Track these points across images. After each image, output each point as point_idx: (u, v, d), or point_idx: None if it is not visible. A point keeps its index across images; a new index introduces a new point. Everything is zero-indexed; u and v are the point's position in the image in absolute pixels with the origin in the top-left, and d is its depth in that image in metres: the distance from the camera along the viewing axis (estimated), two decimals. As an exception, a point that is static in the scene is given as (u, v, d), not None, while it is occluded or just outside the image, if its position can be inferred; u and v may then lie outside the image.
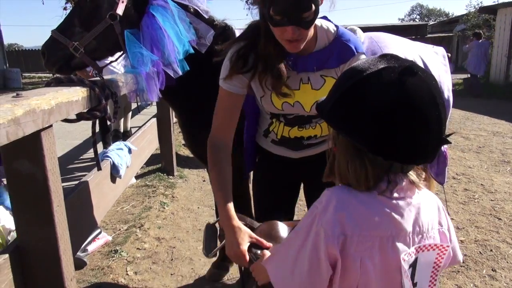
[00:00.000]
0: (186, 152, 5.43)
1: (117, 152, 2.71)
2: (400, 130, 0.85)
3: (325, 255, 0.87)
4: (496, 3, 14.14)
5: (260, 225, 1.34)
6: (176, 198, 3.96)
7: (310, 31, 1.26)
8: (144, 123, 4.43)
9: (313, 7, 1.18)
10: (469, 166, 4.84)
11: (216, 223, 1.40)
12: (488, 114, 8.29)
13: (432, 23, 32.02)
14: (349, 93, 0.88)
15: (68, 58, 1.76)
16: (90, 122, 1.82)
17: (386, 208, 0.89)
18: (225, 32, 2.02)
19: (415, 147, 0.86)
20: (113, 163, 2.58)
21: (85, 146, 5.91)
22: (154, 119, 4.49)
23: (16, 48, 33.79)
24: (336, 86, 0.92)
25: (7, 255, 1.37)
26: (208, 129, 2.04)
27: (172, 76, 1.81)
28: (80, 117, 1.71)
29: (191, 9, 1.87)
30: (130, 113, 5.05)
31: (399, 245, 0.88)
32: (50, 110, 1.34)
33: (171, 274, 2.63)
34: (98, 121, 1.96)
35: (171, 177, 4.55)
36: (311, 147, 1.59)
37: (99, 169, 2.13)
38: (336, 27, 1.40)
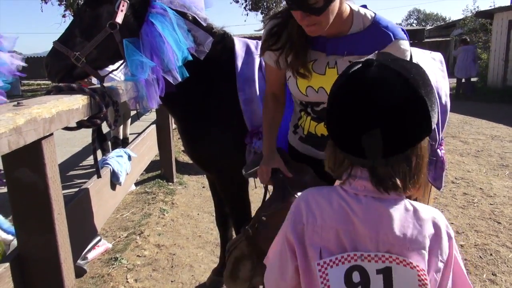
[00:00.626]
0: (185, 158, 5.43)
1: (117, 159, 2.71)
2: (337, 118, 0.89)
3: (286, 244, 0.94)
4: (493, 7, 14.24)
5: (293, 162, 1.53)
6: (176, 204, 3.96)
7: (329, 17, 1.24)
8: (144, 130, 4.44)
9: None
10: (468, 170, 4.85)
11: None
12: (486, 118, 8.31)
13: (430, 27, 32.18)
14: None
15: (70, 68, 1.78)
16: (89, 130, 1.83)
17: (342, 201, 0.90)
18: (223, 39, 2.04)
19: (356, 138, 0.86)
20: (113, 170, 2.58)
21: (84, 153, 5.92)
22: (154, 126, 4.50)
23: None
24: None
25: (7, 264, 1.37)
26: (207, 136, 2.06)
27: (172, 82, 1.82)
28: (80, 124, 1.72)
29: (190, 17, 1.88)
30: (129, 120, 5.06)
31: (358, 243, 0.89)
32: (51, 118, 1.35)
33: (171, 281, 2.62)
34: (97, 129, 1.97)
35: (170, 183, 4.55)
36: None
37: (99, 176, 2.13)
38: (374, 14, 1.38)
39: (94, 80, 3.37)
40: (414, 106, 0.84)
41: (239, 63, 1.99)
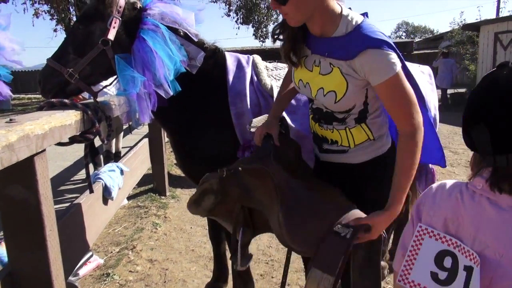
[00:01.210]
0: (178, 171, 5.41)
1: (109, 173, 2.70)
2: (474, 117, 0.95)
3: (410, 217, 1.09)
4: (479, 20, 14.55)
5: (291, 139, 1.67)
6: (168, 218, 3.94)
7: (294, 9, 1.30)
8: (136, 143, 4.43)
9: None
10: (459, 175, 4.89)
11: None
12: (475, 128, 8.41)
13: (418, 40, 32.71)
14: None
15: (63, 84, 1.79)
16: (81, 144, 1.82)
17: (459, 194, 0.96)
18: (215, 54, 2.06)
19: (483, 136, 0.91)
20: (105, 185, 2.57)
21: (76, 167, 5.87)
22: (146, 139, 4.49)
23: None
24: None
25: (-1, 282, 1.35)
26: (199, 149, 2.07)
27: (164, 96, 1.83)
28: (73, 140, 1.72)
29: (181, 32, 1.91)
30: (121, 134, 5.05)
31: (460, 235, 0.94)
32: (43, 134, 1.35)
33: (164, 297, 2.59)
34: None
35: (163, 197, 4.52)
36: (329, 153, 1.57)
37: (91, 191, 2.12)
38: (362, 20, 1.36)
39: (86, 94, 3.37)
40: None
41: (230, 77, 2.02)
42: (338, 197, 1.39)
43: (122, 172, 2.91)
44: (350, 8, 1.40)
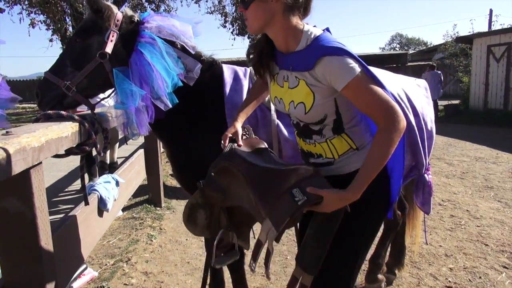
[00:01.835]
0: (173, 182, 5.39)
1: (105, 185, 2.68)
2: None
3: None
4: (471, 33, 14.75)
5: (256, 139, 1.73)
6: (164, 230, 3.90)
7: (253, 15, 1.39)
8: (131, 154, 4.41)
9: None
10: (454, 192, 4.92)
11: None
12: (469, 140, 8.49)
13: (412, 52, 33.08)
14: None
15: (60, 97, 1.79)
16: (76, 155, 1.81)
17: None
18: (212, 66, 2.07)
19: None
20: (101, 196, 2.55)
21: (70, 178, 5.83)
22: (142, 150, 4.48)
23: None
24: None
25: (-9, 297, 1.33)
26: (196, 161, 2.06)
27: (163, 109, 1.83)
28: (69, 152, 1.71)
29: (178, 45, 1.92)
30: (117, 145, 5.02)
31: None
32: (40, 147, 1.34)
33: (159, 310, 2.56)
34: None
35: (158, 208, 4.49)
36: (317, 167, 1.54)
37: (86, 203, 2.10)
38: (321, 33, 1.42)
39: (84, 107, 3.36)
40: None
41: (227, 89, 2.02)
42: (302, 165, 1.45)
43: (117, 183, 2.89)
44: (315, 26, 1.46)
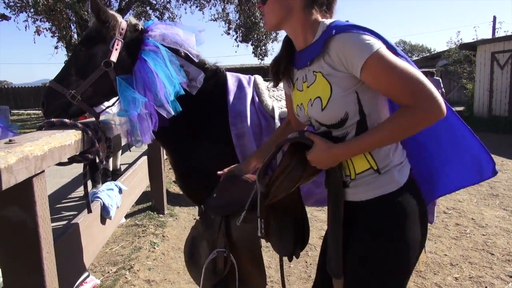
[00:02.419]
0: (176, 189, 5.38)
1: (108, 192, 2.68)
2: None
3: None
4: (475, 40, 14.74)
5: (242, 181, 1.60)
6: (166, 237, 3.89)
7: (271, 10, 1.30)
8: (135, 160, 4.41)
9: None
10: (459, 200, 4.88)
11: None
12: (474, 147, 8.42)
13: (416, 58, 33.06)
14: None
15: (65, 106, 1.80)
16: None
17: None
18: (216, 74, 2.07)
19: None
20: (104, 204, 2.54)
21: (73, 184, 5.83)
22: (145, 157, 4.47)
23: (5, 86, 33.85)
24: None
25: (-8, 307, 1.32)
26: (198, 170, 2.05)
27: (166, 116, 1.83)
28: (72, 160, 1.70)
29: (182, 53, 1.92)
30: (119, 152, 5.03)
31: None
32: (42, 156, 1.33)
33: (161, 319, 2.54)
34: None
35: (161, 215, 4.48)
36: None
37: (89, 211, 2.10)
38: (336, 20, 1.28)
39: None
40: None
41: (231, 97, 2.02)
42: None
43: (120, 191, 2.88)
44: None
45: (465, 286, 2.84)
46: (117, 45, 1.80)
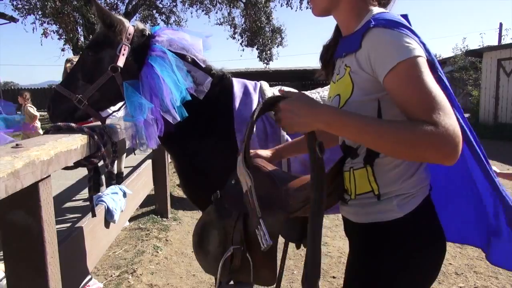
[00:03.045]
0: (180, 193, 5.38)
1: (112, 196, 2.68)
2: None
3: None
4: (481, 47, 14.70)
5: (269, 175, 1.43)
6: (170, 241, 3.88)
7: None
8: (139, 164, 4.41)
9: None
10: (464, 208, 4.84)
11: None
12: (479, 154, 8.37)
13: (421, 64, 32.91)
14: None
15: (72, 110, 1.81)
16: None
17: None
18: (222, 80, 2.07)
19: None
20: (108, 208, 2.54)
21: (78, 186, 5.85)
22: (149, 161, 4.48)
23: (12, 87, 34.15)
24: None
25: (-4, 311, 1.32)
26: (204, 176, 2.05)
27: (172, 122, 1.83)
28: (77, 164, 1.71)
29: (189, 59, 1.92)
30: (124, 155, 5.04)
31: None
32: (49, 160, 1.34)
33: (164, 324, 2.53)
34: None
35: (165, 219, 4.48)
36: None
37: (93, 215, 2.09)
38: (383, 11, 1.13)
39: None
40: None
41: (237, 103, 2.01)
42: None
43: (125, 194, 2.88)
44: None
45: (470, 295, 2.82)
46: (124, 50, 1.80)
